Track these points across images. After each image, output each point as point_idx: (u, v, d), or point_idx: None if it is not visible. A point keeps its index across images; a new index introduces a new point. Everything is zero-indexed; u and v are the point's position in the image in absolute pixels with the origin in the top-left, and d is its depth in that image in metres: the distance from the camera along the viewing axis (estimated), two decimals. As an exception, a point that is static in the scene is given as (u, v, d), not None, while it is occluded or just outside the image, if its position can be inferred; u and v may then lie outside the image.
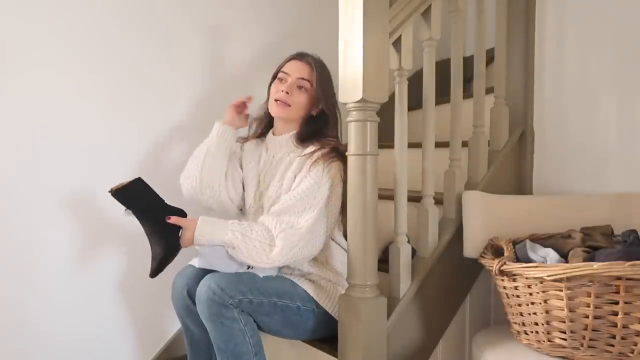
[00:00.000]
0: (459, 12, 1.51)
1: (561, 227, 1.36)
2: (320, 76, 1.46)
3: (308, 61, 1.47)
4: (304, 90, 1.46)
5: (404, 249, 1.38)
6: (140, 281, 1.75)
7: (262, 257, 1.30)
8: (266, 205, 1.47)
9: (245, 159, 1.59)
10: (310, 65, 1.46)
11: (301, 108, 1.47)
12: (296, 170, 1.42)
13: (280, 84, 1.47)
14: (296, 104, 1.45)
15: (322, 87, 1.46)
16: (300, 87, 1.45)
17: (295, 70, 1.46)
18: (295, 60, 1.48)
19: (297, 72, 1.46)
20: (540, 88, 1.69)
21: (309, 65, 1.47)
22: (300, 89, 1.46)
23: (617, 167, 1.52)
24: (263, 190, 1.51)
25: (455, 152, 1.53)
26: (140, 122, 1.74)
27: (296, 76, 1.45)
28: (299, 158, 1.43)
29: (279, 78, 1.48)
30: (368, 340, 1.25)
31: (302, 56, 1.49)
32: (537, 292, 1.15)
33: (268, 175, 1.51)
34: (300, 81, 1.45)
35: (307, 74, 1.46)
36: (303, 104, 1.46)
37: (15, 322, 1.56)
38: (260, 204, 1.51)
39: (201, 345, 1.50)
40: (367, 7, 1.18)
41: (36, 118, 1.56)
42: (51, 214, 1.60)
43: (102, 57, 1.66)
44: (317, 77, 1.45)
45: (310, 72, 1.46)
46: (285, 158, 1.48)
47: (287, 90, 1.44)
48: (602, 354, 1.12)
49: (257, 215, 1.50)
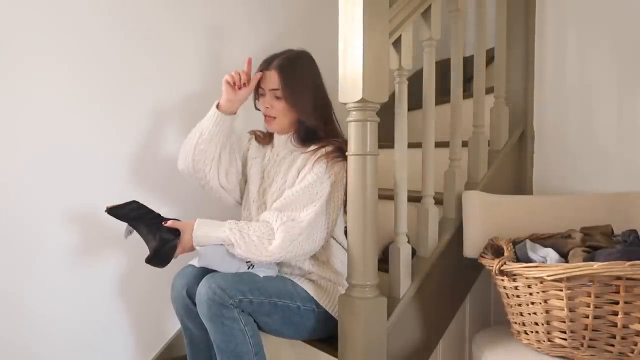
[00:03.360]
0: (459, 12, 1.51)
1: (561, 227, 1.36)
2: (287, 78, 1.43)
3: (275, 66, 1.45)
4: (279, 99, 1.46)
5: (404, 249, 1.38)
6: (140, 281, 1.75)
7: (261, 251, 1.31)
8: (269, 201, 1.48)
9: (251, 154, 1.60)
10: (277, 71, 1.44)
11: (285, 114, 1.47)
12: (300, 167, 1.43)
13: (262, 99, 1.50)
14: (279, 113, 1.47)
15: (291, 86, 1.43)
16: (275, 97, 1.46)
17: (267, 83, 1.47)
18: (264, 71, 1.48)
19: (268, 83, 1.46)
20: (540, 88, 1.69)
21: (276, 71, 1.44)
22: (277, 98, 1.46)
23: (617, 167, 1.52)
24: (267, 186, 1.52)
25: (455, 152, 1.53)
26: (137, 123, 1.74)
27: (268, 88, 1.46)
28: (303, 155, 1.44)
29: (260, 94, 1.50)
30: (368, 340, 1.25)
31: (269, 63, 1.47)
32: (537, 292, 1.15)
33: (272, 171, 1.52)
34: (273, 92, 1.46)
35: (275, 83, 1.44)
36: (285, 110, 1.46)
37: (15, 322, 1.56)
38: (264, 200, 1.51)
39: (201, 345, 1.50)
40: (367, 6, 1.18)
41: (35, 119, 1.57)
42: (52, 214, 1.60)
43: (97, 59, 1.66)
44: (287, 79, 1.43)
45: (279, 78, 1.44)
46: (288, 156, 1.50)
47: (266, 105, 1.47)
48: (602, 354, 1.12)
49: (260, 211, 1.51)
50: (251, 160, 1.59)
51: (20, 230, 1.56)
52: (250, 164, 1.59)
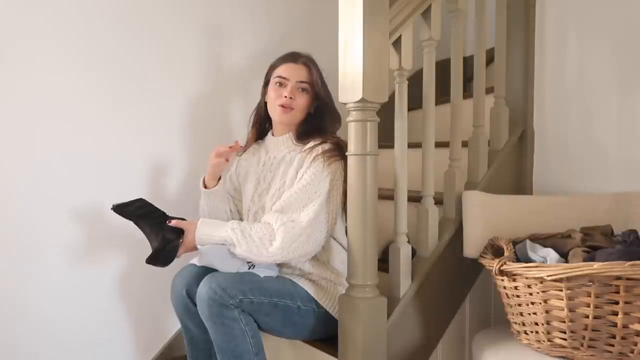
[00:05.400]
0: (459, 12, 1.51)
1: (561, 227, 1.36)
2: (318, 76, 1.50)
3: (304, 62, 1.51)
4: (305, 92, 1.49)
5: (404, 249, 1.38)
6: (140, 281, 1.75)
7: (261, 251, 1.31)
8: (268, 204, 1.48)
9: (243, 169, 1.63)
10: (307, 66, 1.50)
11: (304, 109, 1.50)
12: (298, 167, 1.43)
13: (280, 88, 1.49)
14: (299, 107, 1.49)
15: (322, 85, 1.50)
16: (302, 89, 1.49)
17: (293, 74, 1.49)
18: (290, 63, 1.51)
19: (296, 75, 1.49)
20: (540, 88, 1.69)
21: (305, 66, 1.50)
22: (302, 91, 1.49)
23: (617, 167, 1.52)
24: (263, 191, 1.52)
25: (455, 152, 1.53)
26: (139, 122, 1.74)
27: (296, 79, 1.48)
28: (299, 154, 1.44)
29: (278, 83, 1.50)
30: (368, 340, 1.25)
31: (296, 58, 1.51)
32: (537, 292, 1.15)
33: (268, 175, 1.52)
34: (300, 84, 1.48)
35: (305, 76, 1.49)
36: (305, 106, 1.50)
37: (15, 322, 1.56)
38: (261, 204, 1.51)
39: (201, 345, 1.50)
40: (367, 7, 1.18)
41: (38, 119, 1.57)
42: (52, 215, 1.60)
43: (99, 59, 1.66)
44: (315, 77, 1.49)
45: (309, 73, 1.50)
46: (287, 157, 1.50)
47: (289, 95, 1.47)
48: (602, 354, 1.12)
49: (257, 216, 1.51)
50: (243, 177, 1.61)
51: (21, 231, 1.56)
52: (243, 177, 1.61)
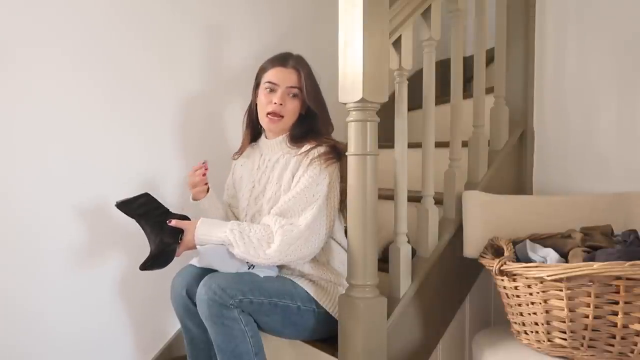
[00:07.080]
0: (459, 12, 1.51)
1: (561, 227, 1.36)
2: (307, 79, 1.45)
3: (293, 66, 1.46)
4: (295, 97, 1.46)
5: (404, 249, 1.38)
6: (140, 281, 1.75)
7: (259, 253, 1.31)
8: (266, 207, 1.47)
9: (238, 172, 1.62)
10: (296, 70, 1.45)
11: (294, 114, 1.48)
12: (294, 170, 1.42)
13: (270, 94, 1.46)
14: (289, 112, 1.46)
15: (312, 88, 1.45)
16: (292, 95, 1.45)
17: (283, 80, 1.45)
18: (279, 67, 1.46)
19: (286, 80, 1.45)
20: (540, 88, 1.69)
21: (294, 70, 1.45)
22: (292, 96, 1.45)
23: (617, 167, 1.52)
24: (259, 194, 1.51)
25: (455, 152, 1.53)
26: (139, 123, 1.74)
27: (286, 85, 1.44)
28: (295, 157, 1.43)
29: (268, 88, 1.46)
30: (368, 340, 1.25)
31: (285, 61, 1.47)
32: (537, 292, 1.15)
33: (263, 178, 1.52)
34: (291, 89, 1.45)
35: (295, 80, 1.45)
36: (296, 110, 1.47)
37: (16, 323, 1.56)
38: (257, 207, 1.51)
39: (201, 345, 1.50)
40: (367, 7, 1.18)
41: (34, 120, 1.57)
42: (53, 215, 1.60)
43: (100, 60, 1.66)
44: (304, 80, 1.44)
45: (298, 77, 1.45)
46: (281, 159, 1.48)
47: (279, 101, 1.44)
48: (602, 354, 1.12)
49: (254, 219, 1.51)
50: (239, 179, 1.61)
51: (21, 232, 1.56)
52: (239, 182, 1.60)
